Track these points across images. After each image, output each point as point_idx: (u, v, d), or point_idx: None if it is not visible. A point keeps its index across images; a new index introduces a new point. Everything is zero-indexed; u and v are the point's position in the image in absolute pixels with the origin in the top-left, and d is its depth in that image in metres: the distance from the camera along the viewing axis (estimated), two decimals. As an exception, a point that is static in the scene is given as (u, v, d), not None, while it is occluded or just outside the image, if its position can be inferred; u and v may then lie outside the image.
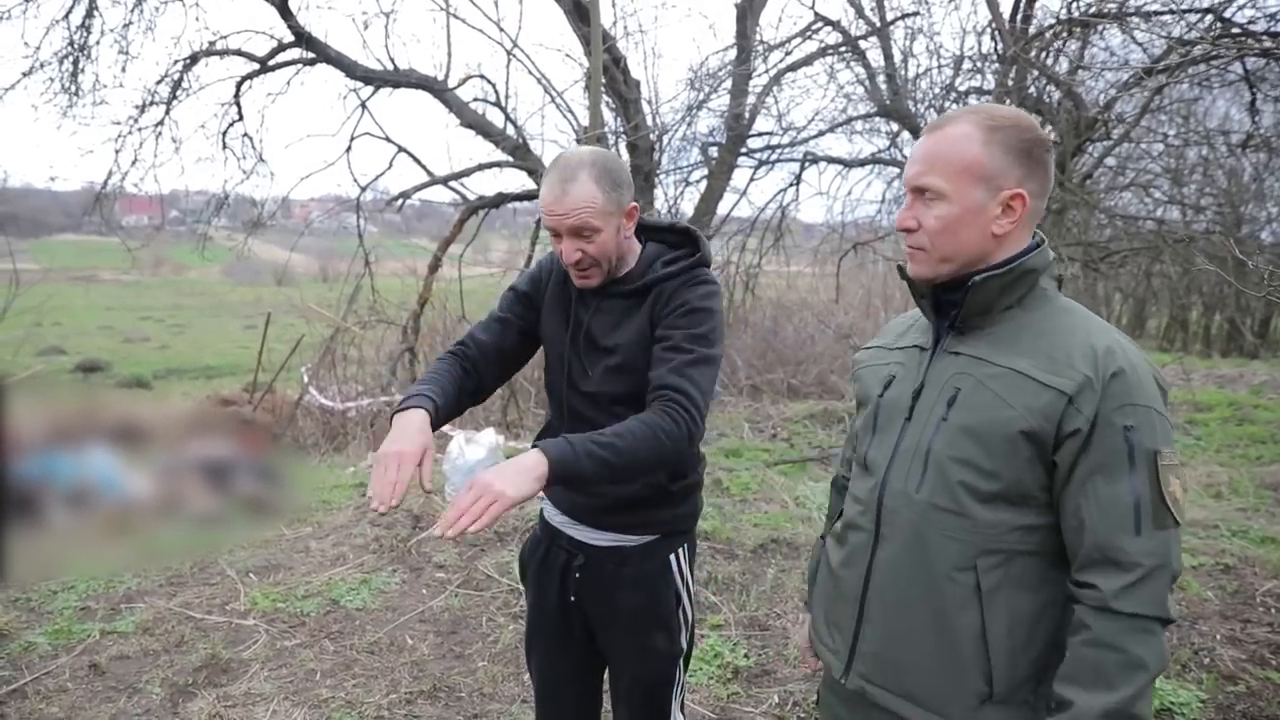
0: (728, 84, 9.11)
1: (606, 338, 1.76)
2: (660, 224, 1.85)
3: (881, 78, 8.54)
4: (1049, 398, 1.25)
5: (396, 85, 8.45)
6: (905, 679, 1.37)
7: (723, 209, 9.76)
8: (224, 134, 8.67)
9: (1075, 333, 1.29)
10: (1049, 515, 1.29)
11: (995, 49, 7.42)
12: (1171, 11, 6.16)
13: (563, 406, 1.83)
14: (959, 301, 1.35)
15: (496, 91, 8.57)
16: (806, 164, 9.41)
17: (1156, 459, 1.22)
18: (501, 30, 8.58)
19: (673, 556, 1.85)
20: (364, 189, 8.91)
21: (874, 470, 1.44)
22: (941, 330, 1.41)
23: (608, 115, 8.51)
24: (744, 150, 9.45)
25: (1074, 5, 6.75)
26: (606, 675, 1.97)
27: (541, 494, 1.83)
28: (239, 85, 8.47)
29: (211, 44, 8.17)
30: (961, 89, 8.05)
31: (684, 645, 1.90)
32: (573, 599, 1.86)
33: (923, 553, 1.34)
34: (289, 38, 8.10)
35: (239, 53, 8.31)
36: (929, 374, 1.40)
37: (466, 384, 1.79)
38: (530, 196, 9.00)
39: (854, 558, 1.45)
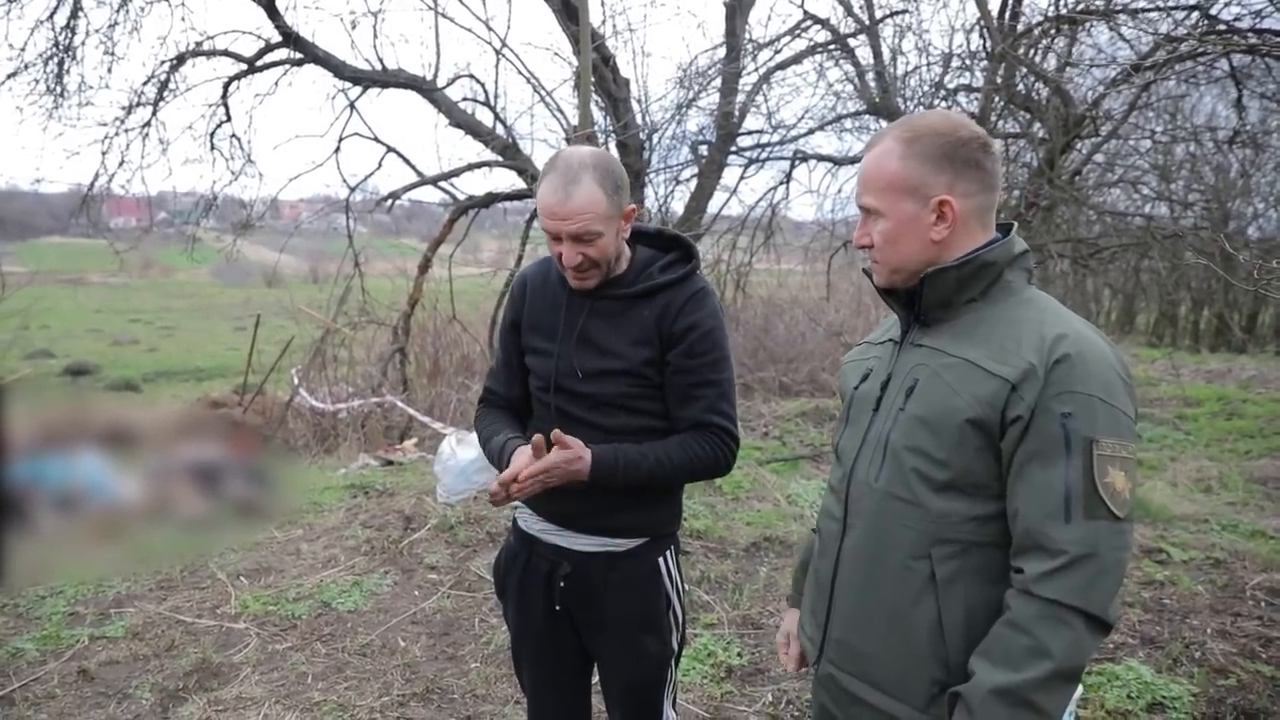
0: (717, 82, 9.13)
1: (604, 340, 1.75)
2: (648, 229, 1.85)
3: (871, 75, 8.56)
4: (994, 386, 1.26)
5: (385, 85, 8.43)
6: (868, 665, 1.39)
7: (713, 207, 9.81)
8: (212, 135, 8.63)
9: (1029, 322, 1.30)
10: (1004, 506, 1.29)
11: (984, 46, 7.44)
12: (1159, 9, 6.19)
13: (549, 408, 1.80)
14: (919, 295, 1.38)
15: (485, 91, 8.58)
16: (796, 162, 9.43)
17: (1093, 448, 1.21)
18: (490, 29, 8.62)
19: (661, 560, 1.84)
20: (353, 189, 8.91)
21: (844, 460, 1.47)
22: (909, 324, 1.44)
23: (597, 114, 8.51)
24: (734, 148, 9.47)
25: (1062, 2, 6.78)
26: (596, 672, 1.96)
27: (518, 503, 1.82)
28: (226, 86, 8.43)
29: (198, 44, 8.13)
30: (950, 86, 8.08)
31: (675, 647, 1.89)
32: (558, 608, 1.84)
33: (881, 541, 1.37)
34: (276, 38, 8.07)
35: (226, 53, 8.27)
36: (896, 366, 1.43)
37: (517, 422, 1.92)
38: (520, 196, 8.98)
39: (826, 547, 1.49)
